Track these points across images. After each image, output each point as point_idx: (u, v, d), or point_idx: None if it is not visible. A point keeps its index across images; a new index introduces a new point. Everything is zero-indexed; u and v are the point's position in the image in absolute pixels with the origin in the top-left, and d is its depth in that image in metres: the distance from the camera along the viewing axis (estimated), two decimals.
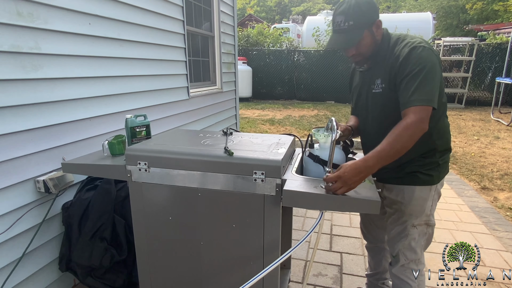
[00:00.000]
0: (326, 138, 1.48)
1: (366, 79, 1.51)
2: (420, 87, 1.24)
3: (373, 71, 1.46)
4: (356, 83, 1.61)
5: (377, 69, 1.44)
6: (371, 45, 1.40)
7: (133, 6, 2.47)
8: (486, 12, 16.64)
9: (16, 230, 1.65)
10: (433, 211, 1.49)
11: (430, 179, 1.43)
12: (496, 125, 6.80)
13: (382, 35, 1.42)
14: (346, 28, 1.35)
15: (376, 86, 1.44)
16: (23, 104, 1.65)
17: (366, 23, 1.35)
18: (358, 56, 1.43)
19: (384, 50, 1.40)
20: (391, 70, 1.34)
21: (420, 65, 1.25)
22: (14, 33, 1.59)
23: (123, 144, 1.73)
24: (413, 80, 1.25)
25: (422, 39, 1.36)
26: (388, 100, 1.39)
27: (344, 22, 1.34)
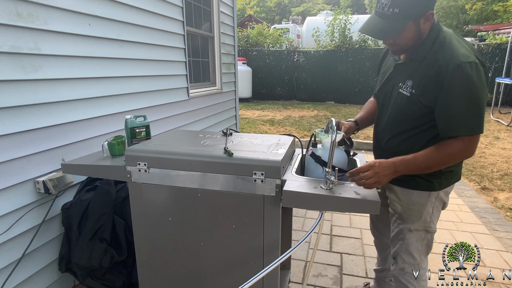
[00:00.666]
0: (329, 138, 1.48)
1: (398, 73, 1.37)
2: (468, 114, 1.13)
3: (408, 68, 1.31)
4: (387, 68, 1.46)
5: (412, 69, 1.29)
6: (412, 38, 1.24)
7: (133, 6, 2.48)
8: (486, 13, 16.66)
9: (16, 231, 1.65)
10: (434, 218, 1.43)
11: (430, 185, 1.37)
12: (496, 125, 6.80)
13: (429, 29, 1.23)
14: (389, 15, 1.18)
15: (405, 87, 1.31)
16: (23, 105, 1.65)
17: (414, 14, 1.18)
18: (395, 46, 1.29)
19: (427, 50, 1.23)
20: (428, 80, 1.20)
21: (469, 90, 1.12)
22: (14, 34, 1.59)
23: (122, 145, 1.73)
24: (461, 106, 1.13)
25: (471, 47, 1.20)
26: (411, 108, 1.29)
27: (389, 7, 1.17)
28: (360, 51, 9.72)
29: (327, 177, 1.27)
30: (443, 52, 1.18)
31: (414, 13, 1.17)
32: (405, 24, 1.19)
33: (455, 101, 1.14)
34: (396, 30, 1.20)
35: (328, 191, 1.26)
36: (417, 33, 1.23)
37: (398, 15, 1.17)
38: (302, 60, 10.53)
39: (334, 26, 10.06)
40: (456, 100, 1.14)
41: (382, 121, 1.47)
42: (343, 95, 10.17)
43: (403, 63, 1.35)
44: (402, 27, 1.19)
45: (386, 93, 1.43)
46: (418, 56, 1.27)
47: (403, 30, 1.20)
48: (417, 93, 1.25)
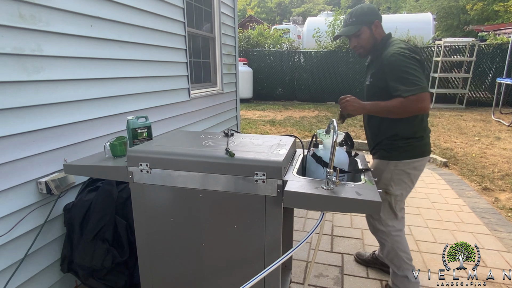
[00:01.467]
0: (330, 139, 1.48)
1: (366, 71, 1.89)
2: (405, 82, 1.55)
3: (371, 65, 1.84)
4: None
5: (372, 66, 1.82)
6: (369, 39, 1.76)
7: (134, 8, 2.49)
8: (487, 13, 16.65)
9: (18, 231, 1.66)
10: (394, 184, 1.79)
11: (388, 155, 1.78)
12: (497, 125, 6.79)
13: (382, 37, 1.77)
14: (350, 23, 1.78)
15: (367, 79, 1.84)
16: (25, 106, 1.66)
17: (365, 20, 1.74)
18: (359, 48, 1.80)
19: (380, 52, 1.72)
20: (377, 70, 1.72)
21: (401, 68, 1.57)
22: (16, 35, 1.60)
23: (124, 146, 1.73)
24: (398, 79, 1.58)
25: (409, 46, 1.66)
26: (372, 93, 1.78)
27: (349, 19, 1.78)
28: None
29: (328, 178, 1.28)
30: (386, 50, 1.68)
31: (365, 20, 1.74)
32: (360, 27, 1.74)
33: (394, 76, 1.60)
34: (355, 29, 1.75)
35: (329, 191, 1.27)
36: (371, 36, 1.76)
37: (355, 21, 1.76)
38: (302, 61, 10.54)
39: (335, 27, 10.07)
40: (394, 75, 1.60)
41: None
42: (344, 95, 10.15)
43: (368, 64, 1.89)
44: (359, 28, 1.74)
45: (363, 89, 1.95)
46: (375, 57, 1.80)
47: (360, 31, 1.75)
48: (374, 81, 1.78)
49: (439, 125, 6.82)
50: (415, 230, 2.78)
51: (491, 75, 9.01)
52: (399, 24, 10.35)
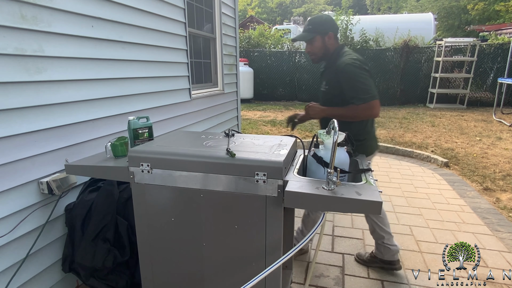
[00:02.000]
0: (331, 139, 1.48)
1: (321, 79, 2.07)
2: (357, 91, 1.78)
3: (324, 74, 2.03)
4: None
5: (326, 74, 2.01)
6: (321, 48, 1.95)
7: (135, 8, 2.49)
8: (488, 13, 16.63)
9: (20, 231, 1.66)
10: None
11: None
12: (498, 125, 6.78)
13: (335, 47, 1.95)
14: (307, 29, 1.95)
15: (323, 86, 2.02)
16: (27, 106, 1.66)
17: (320, 30, 1.92)
18: (312, 54, 1.99)
19: (333, 61, 1.92)
20: (332, 78, 1.91)
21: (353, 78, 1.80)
22: (18, 36, 1.60)
23: (125, 146, 1.74)
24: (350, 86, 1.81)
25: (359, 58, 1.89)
26: (327, 98, 1.98)
27: (307, 26, 1.95)
28: (362, 52, 9.71)
29: (329, 178, 1.28)
30: (339, 60, 1.87)
31: (320, 29, 1.92)
32: (315, 36, 1.93)
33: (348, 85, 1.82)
34: (309, 37, 1.94)
35: (330, 191, 1.27)
36: (323, 45, 1.94)
37: (311, 30, 1.94)
38: (303, 61, 10.53)
39: None
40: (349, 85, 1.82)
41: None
42: None
43: (323, 71, 2.06)
44: (312, 36, 1.93)
45: (319, 95, 2.10)
46: (329, 65, 1.99)
47: (313, 39, 1.93)
48: (329, 88, 1.97)
49: (440, 125, 6.81)
50: (416, 230, 2.77)
51: (492, 75, 9.00)
52: (400, 24, 10.35)
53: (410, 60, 9.46)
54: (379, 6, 32.03)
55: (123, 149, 1.72)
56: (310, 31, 1.93)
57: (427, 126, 6.80)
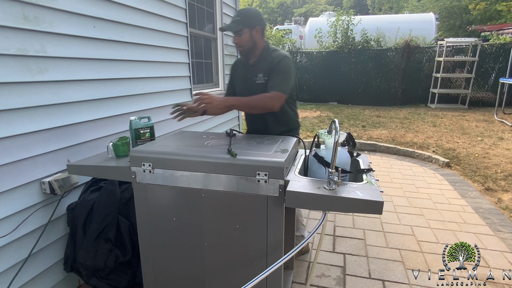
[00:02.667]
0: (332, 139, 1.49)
1: (250, 72, 2.00)
2: (285, 82, 1.85)
3: (257, 67, 1.98)
4: (239, 73, 2.13)
5: (260, 67, 1.97)
6: (248, 41, 1.92)
7: (136, 9, 2.50)
8: (489, 13, 16.59)
9: (22, 231, 1.67)
10: None
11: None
12: (500, 126, 6.76)
13: (264, 43, 1.98)
14: (235, 20, 1.91)
15: (259, 79, 1.96)
16: (29, 107, 1.67)
17: (248, 23, 1.89)
18: (239, 46, 1.96)
19: (266, 55, 1.96)
20: (270, 70, 1.90)
21: (285, 68, 1.87)
22: (20, 37, 1.61)
23: (127, 146, 1.74)
24: (280, 76, 1.85)
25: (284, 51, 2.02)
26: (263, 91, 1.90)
27: (236, 17, 1.92)
28: (363, 52, 9.71)
29: (330, 178, 1.28)
30: (274, 53, 1.94)
31: (248, 22, 1.89)
32: (243, 28, 1.89)
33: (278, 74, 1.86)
34: (237, 28, 1.90)
35: (331, 191, 1.27)
36: (251, 39, 1.92)
37: (240, 21, 1.90)
38: (304, 61, 10.53)
39: (337, 27, 10.06)
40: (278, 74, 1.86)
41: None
42: (345, 95, 10.16)
43: (253, 65, 2.01)
44: (241, 28, 1.89)
45: (247, 89, 1.99)
46: (263, 59, 1.97)
47: (241, 31, 1.90)
48: (268, 79, 1.92)
49: (442, 126, 6.80)
50: (417, 230, 2.77)
51: (494, 75, 8.98)
52: (401, 24, 10.34)
53: (412, 60, 9.45)
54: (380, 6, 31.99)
55: (125, 149, 1.73)
56: (238, 23, 1.90)
57: (429, 126, 6.79)
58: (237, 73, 2.18)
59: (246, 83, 2.03)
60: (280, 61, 1.89)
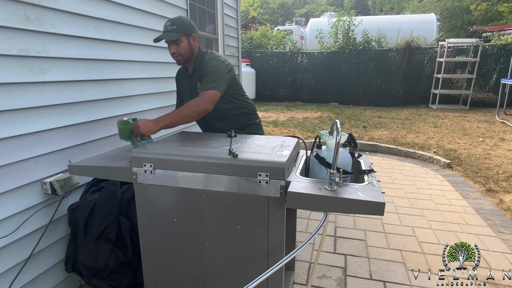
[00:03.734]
0: (334, 140, 1.49)
1: (192, 82, 2.03)
2: (210, 80, 1.83)
3: (195, 76, 2.00)
4: (183, 84, 2.13)
5: (197, 75, 1.98)
6: (187, 49, 1.92)
7: (138, 9, 2.50)
8: (491, 13, 16.57)
9: (23, 231, 1.67)
10: None
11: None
12: (501, 126, 6.75)
13: (198, 49, 1.97)
14: (171, 30, 1.87)
15: (199, 88, 1.95)
16: (31, 107, 1.67)
17: (185, 31, 1.88)
18: (177, 55, 1.92)
19: (200, 62, 1.96)
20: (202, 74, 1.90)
21: (212, 68, 1.88)
22: (22, 37, 1.61)
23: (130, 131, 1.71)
24: (208, 76, 1.85)
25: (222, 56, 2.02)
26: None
27: (170, 26, 1.87)
28: (364, 53, 9.71)
29: (331, 179, 1.28)
30: (205, 58, 1.95)
31: (185, 30, 1.88)
32: (180, 36, 1.86)
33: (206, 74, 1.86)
34: (176, 37, 1.86)
35: (332, 192, 1.27)
36: (189, 46, 1.92)
37: (176, 30, 1.86)
38: (305, 62, 10.53)
39: (338, 28, 10.05)
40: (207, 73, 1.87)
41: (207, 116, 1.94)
42: (346, 96, 10.15)
43: (192, 74, 2.02)
44: (179, 36, 1.86)
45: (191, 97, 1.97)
46: (197, 67, 1.97)
47: (179, 39, 1.87)
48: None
49: (443, 126, 6.79)
50: (419, 231, 2.77)
51: (495, 76, 8.96)
52: (402, 25, 10.32)
53: (413, 60, 9.44)
54: (381, 7, 31.99)
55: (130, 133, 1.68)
56: (175, 31, 1.86)
57: (430, 127, 6.78)
58: (180, 83, 2.18)
59: (189, 94, 2.04)
60: (207, 62, 1.91)
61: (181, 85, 2.18)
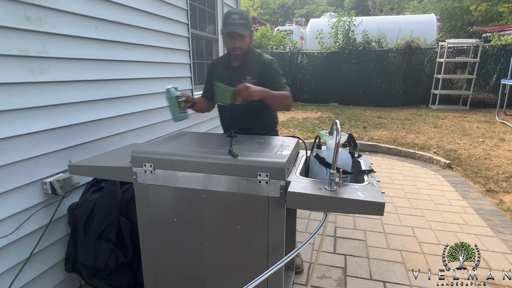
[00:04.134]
0: (334, 140, 1.49)
1: (237, 75, 1.97)
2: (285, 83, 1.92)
3: (244, 69, 1.97)
4: (221, 74, 2.05)
5: (247, 69, 1.96)
6: (248, 45, 1.92)
7: (138, 9, 2.50)
8: (491, 14, 16.58)
9: (24, 231, 1.67)
10: None
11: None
12: (501, 127, 6.75)
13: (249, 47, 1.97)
14: (240, 24, 1.81)
15: (247, 81, 1.90)
16: (31, 107, 1.67)
17: (250, 27, 1.88)
18: (239, 50, 1.90)
19: (252, 58, 1.97)
20: (259, 72, 1.93)
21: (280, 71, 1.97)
22: (22, 37, 1.62)
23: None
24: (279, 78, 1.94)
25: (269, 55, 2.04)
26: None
27: (240, 19, 1.81)
28: (364, 53, 9.71)
29: (331, 179, 1.28)
30: (261, 56, 1.99)
31: (250, 27, 1.88)
32: (248, 32, 1.86)
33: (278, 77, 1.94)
34: (247, 32, 1.85)
35: (332, 192, 1.27)
36: (250, 43, 1.94)
37: (246, 25, 1.83)
38: (305, 62, 10.53)
39: (338, 28, 10.06)
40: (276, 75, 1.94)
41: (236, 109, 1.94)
42: (346, 96, 10.15)
43: (239, 67, 1.99)
44: (249, 32, 1.86)
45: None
46: (249, 62, 1.97)
47: (247, 35, 1.86)
48: (256, 81, 1.91)
49: (443, 127, 6.79)
50: (419, 231, 2.77)
51: (495, 76, 8.97)
52: (402, 25, 10.32)
53: (413, 61, 9.44)
54: (381, 7, 31.99)
55: (232, 95, 1.67)
56: (245, 26, 1.83)
57: (430, 127, 6.78)
58: (216, 75, 2.12)
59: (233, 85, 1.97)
60: (271, 62, 1.96)
61: (217, 76, 2.09)
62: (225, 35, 1.90)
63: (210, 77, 2.16)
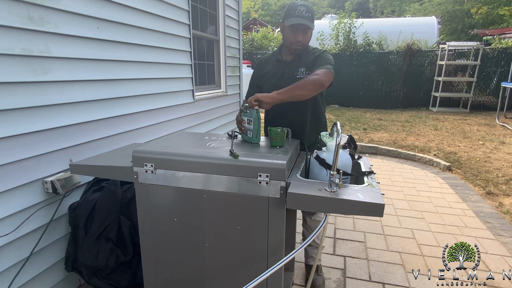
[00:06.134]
0: (334, 141, 1.49)
1: (289, 68, 1.91)
2: (330, 64, 1.78)
3: (297, 62, 1.90)
4: (272, 70, 1.99)
5: (301, 62, 1.89)
6: (309, 40, 1.86)
7: (140, 10, 2.51)
8: (491, 17, 16.60)
9: (24, 230, 1.68)
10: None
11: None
12: (502, 130, 6.75)
13: None
14: (307, 17, 1.76)
15: (300, 73, 1.87)
16: (33, 106, 1.68)
17: (314, 21, 1.80)
18: (300, 44, 1.84)
19: (306, 51, 1.91)
20: (313, 60, 1.85)
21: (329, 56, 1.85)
22: (25, 37, 1.63)
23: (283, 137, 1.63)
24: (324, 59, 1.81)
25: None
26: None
27: (306, 12, 1.75)
28: (365, 55, 9.73)
29: (331, 180, 1.29)
30: (316, 49, 1.92)
31: (313, 22, 1.80)
32: (313, 26, 1.80)
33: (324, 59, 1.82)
34: (313, 26, 1.79)
35: (332, 193, 1.27)
36: (310, 39, 1.87)
37: (311, 19, 1.77)
38: None
39: (339, 30, 10.08)
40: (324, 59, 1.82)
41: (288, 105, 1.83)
42: (347, 98, 10.16)
43: (292, 61, 1.92)
44: (313, 26, 1.79)
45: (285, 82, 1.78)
46: (304, 54, 1.90)
47: (312, 29, 1.81)
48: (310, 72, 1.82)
49: (443, 129, 6.80)
50: (418, 234, 2.77)
51: (496, 79, 8.98)
52: (403, 28, 10.35)
53: (413, 63, 9.46)
54: (382, 9, 32.04)
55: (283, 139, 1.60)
56: (311, 20, 1.76)
57: (430, 129, 6.78)
58: (266, 71, 2.03)
59: (284, 79, 1.89)
60: (323, 52, 1.88)
61: (267, 72, 2.02)
62: (287, 28, 1.80)
63: (259, 75, 2.06)
